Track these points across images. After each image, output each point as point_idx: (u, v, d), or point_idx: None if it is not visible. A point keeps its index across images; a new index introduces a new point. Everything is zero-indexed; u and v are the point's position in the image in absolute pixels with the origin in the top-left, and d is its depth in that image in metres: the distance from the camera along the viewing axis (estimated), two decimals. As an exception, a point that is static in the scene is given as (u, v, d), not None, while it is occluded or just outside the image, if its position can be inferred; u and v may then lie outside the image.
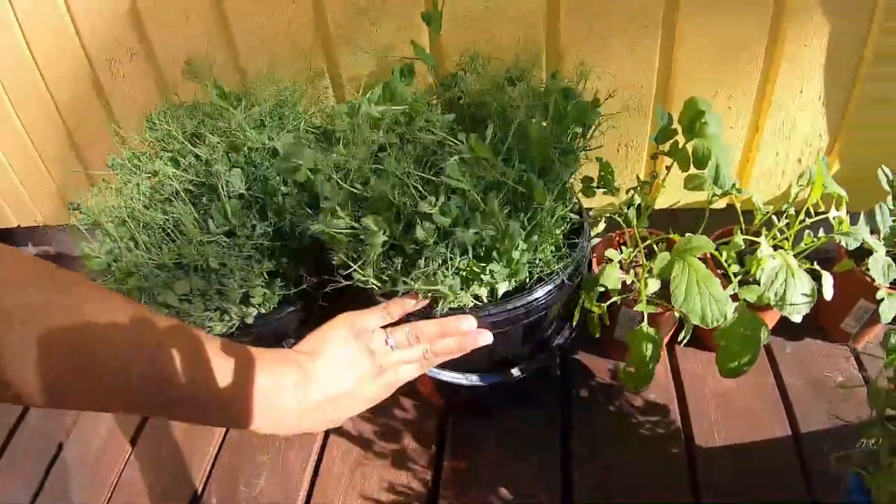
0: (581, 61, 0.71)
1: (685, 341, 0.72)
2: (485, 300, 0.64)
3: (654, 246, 0.81)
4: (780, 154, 0.88)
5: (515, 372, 0.72)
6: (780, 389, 0.85)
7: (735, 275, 0.78)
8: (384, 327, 0.60)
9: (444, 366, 0.72)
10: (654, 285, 0.76)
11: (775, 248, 0.84)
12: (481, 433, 0.79)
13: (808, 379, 0.87)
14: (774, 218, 0.82)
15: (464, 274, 0.61)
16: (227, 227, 0.76)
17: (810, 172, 0.79)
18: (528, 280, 0.65)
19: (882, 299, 0.85)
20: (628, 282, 0.75)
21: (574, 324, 0.77)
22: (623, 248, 0.80)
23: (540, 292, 0.64)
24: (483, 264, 0.61)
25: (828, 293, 0.84)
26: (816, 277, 0.84)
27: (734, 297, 0.73)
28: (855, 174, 0.91)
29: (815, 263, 0.82)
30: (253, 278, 0.77)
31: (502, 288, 0.64)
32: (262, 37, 0.86)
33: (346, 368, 0.54)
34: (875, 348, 0.91)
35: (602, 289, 0.72)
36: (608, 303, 0.75)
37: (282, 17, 0.83)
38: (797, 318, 0.74)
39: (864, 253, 0.83)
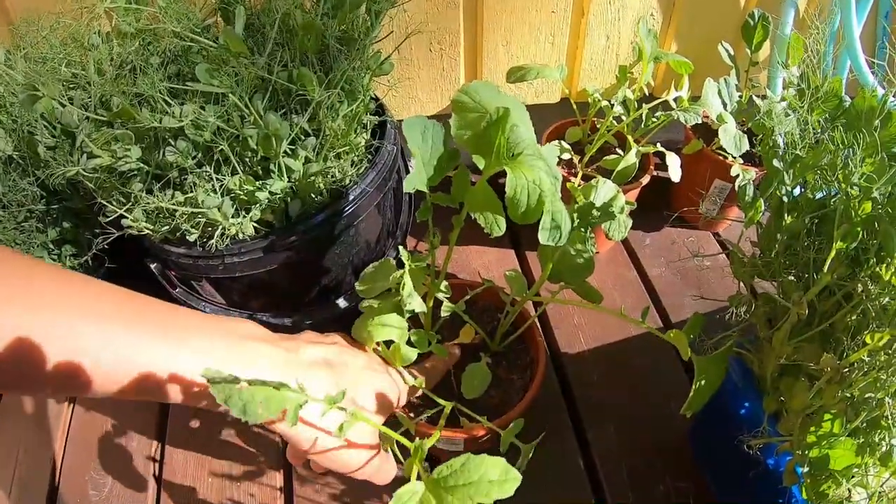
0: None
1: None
2: (277, 225, 0.56)
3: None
4: (612, 38, 0.83)
5: (342, 303, 0.65)
6: (644, 283, 0.82)
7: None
8: None
9: (256, 309, 0.64)
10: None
11: (618, 135, 0.80)
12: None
13: (673, 268, 0.84)
14: (617, 106, 0.77)
15: (241, 196, 0.53)
16: (-6, 196, 0.65)
17: (638, 48, 0.74)
18: (325, 195, 0.57)
19: (737, 176, 0.82)
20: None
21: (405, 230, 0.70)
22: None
23: (340, 205, 0.57)
24: (261, 182, 0.53)
25: (675, 174, 0.80)
26: (662, 158, 0.80)
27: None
28: (693, 54, 0.87)
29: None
30: (36, 250, 0.68)
31: (295, 208, 0.56)
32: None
33: None
34: (737, 225, 0.88)
35: None
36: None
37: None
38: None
39: (713, 134, 0.80)
